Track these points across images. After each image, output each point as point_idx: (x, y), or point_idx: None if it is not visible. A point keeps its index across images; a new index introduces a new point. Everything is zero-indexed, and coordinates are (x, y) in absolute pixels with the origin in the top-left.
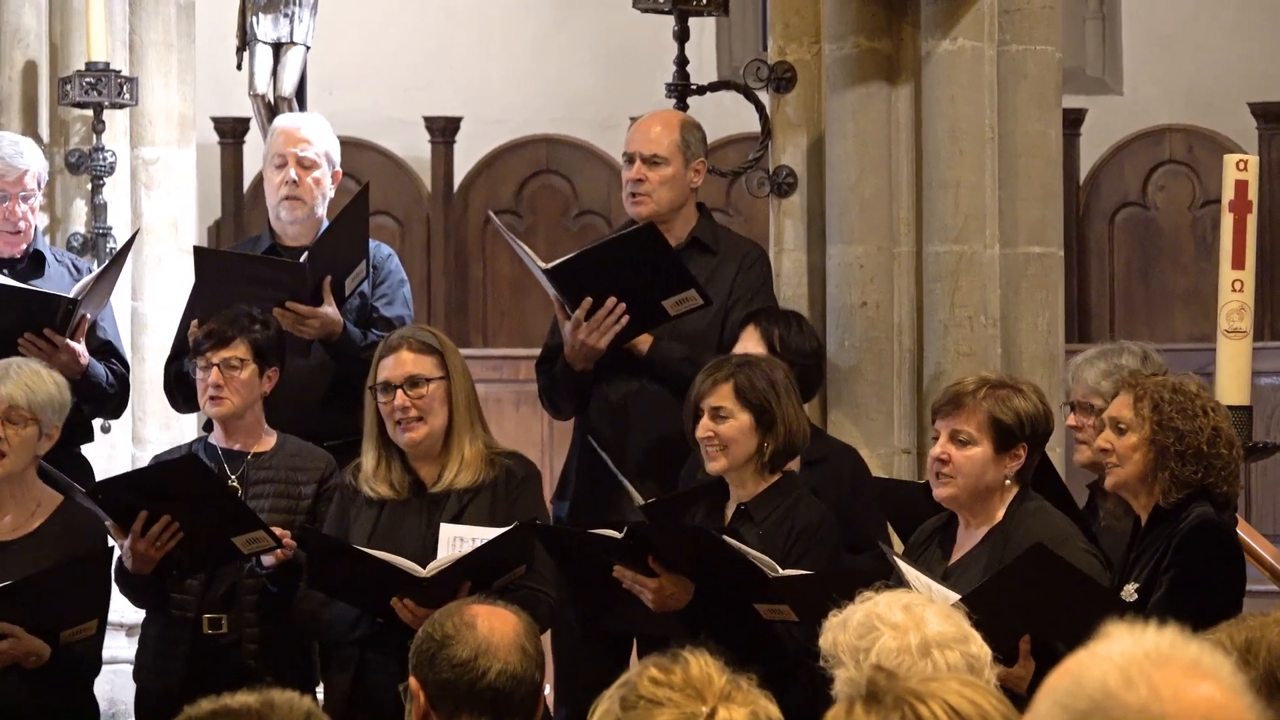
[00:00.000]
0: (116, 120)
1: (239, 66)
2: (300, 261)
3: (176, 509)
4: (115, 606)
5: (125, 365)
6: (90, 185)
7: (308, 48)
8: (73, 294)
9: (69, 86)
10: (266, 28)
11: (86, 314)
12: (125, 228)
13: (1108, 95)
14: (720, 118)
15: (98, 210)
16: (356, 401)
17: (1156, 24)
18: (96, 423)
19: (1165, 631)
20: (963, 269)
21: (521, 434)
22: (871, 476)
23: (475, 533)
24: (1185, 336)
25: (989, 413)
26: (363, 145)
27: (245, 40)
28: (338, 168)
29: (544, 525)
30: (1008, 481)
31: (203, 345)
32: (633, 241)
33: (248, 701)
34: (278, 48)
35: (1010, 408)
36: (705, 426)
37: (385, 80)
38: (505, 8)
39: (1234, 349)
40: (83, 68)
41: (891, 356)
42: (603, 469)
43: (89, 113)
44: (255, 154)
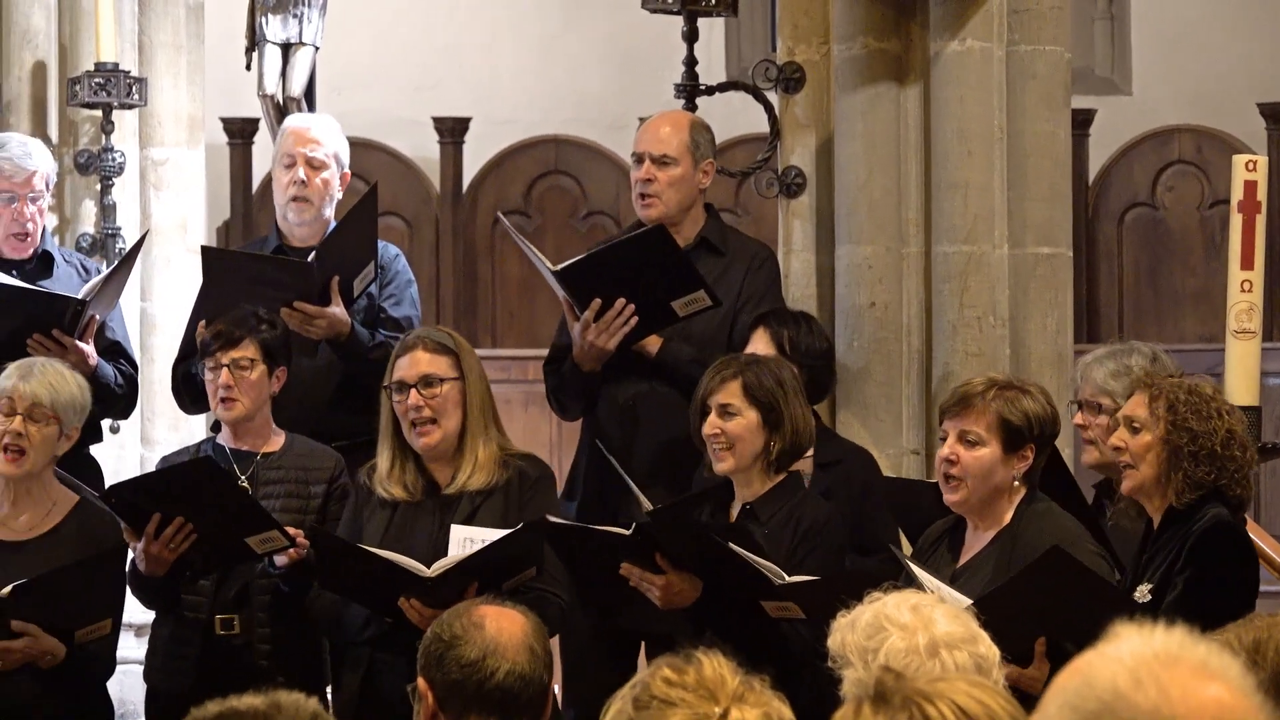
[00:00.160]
0: (125, 121)
1: (248, 67)
2: (308, 261)
3: (190, 511)
4: (125, 606)
5: (134, 366)
6: (99, 186)
7: (317, 48)
8: (81, 295)
9: (78, 87)
10: (275, 28)
11: (95, 315)
12: (134, 228)
13: (1116, 96)
14: (729, 118)
15: (107, 211)
16: (363, 402)
17: (1165, 24)
18: (105, 423)
19: (1174, 632)
20: (971, 269)
21: (530, 435)
22: (883, 477)
23: (485, 534)
24: (1194, 337)
25: (997, 413)
26: (371, 146)
27: (254, 41)
28: (347, 169)
29: (550, 523)
30: (1016, 483)
31: (211, 346)
32: (642, 242)
33: (254, 703)
34: (287, 48)
35: (1019, 408)
36: (712, 424)
37: (394, 81)
38: (514, 8)
39: (1243, 349)
40: (92, 68)
41: (900, 357)
42: (611, 470)
43: (98, 113)
44: (264, 154)
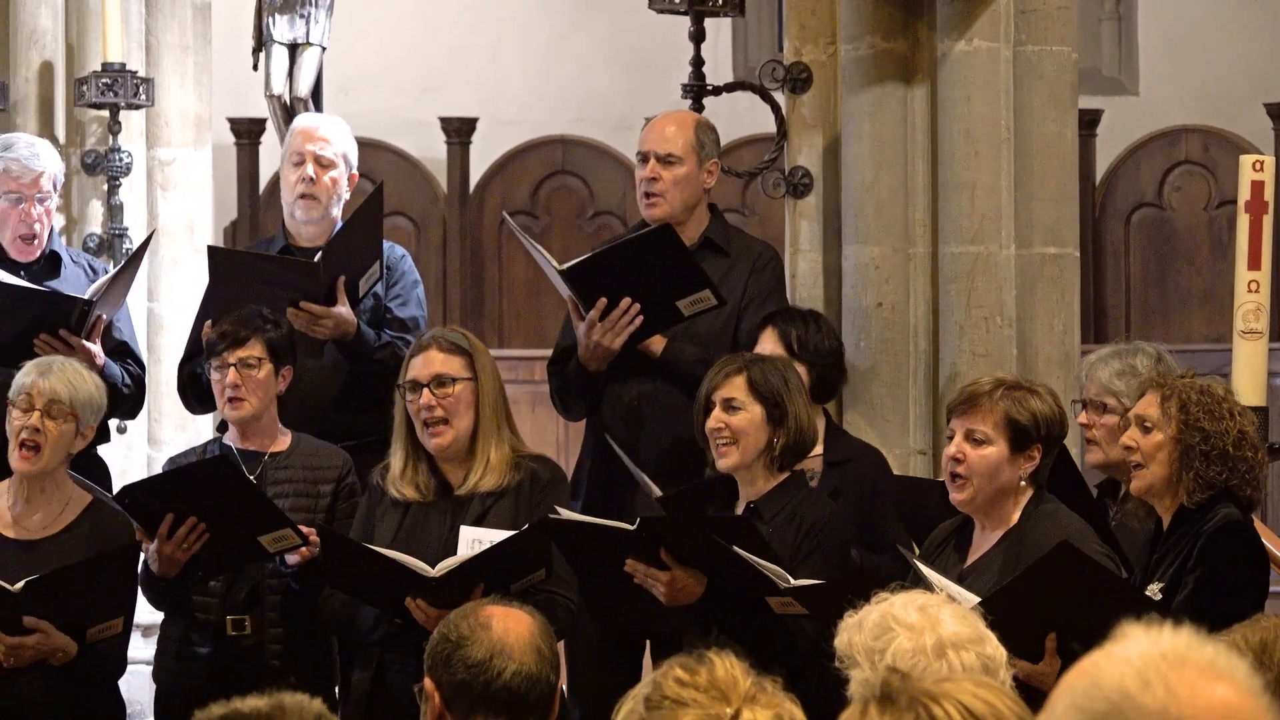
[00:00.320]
0: (132, 121)
1: (255, 67)
2: (314, 261)
3: (203, 510)
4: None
5: (141, 366)
6: (106, 186)
7: (324, 49)
8: (88, 294)
9: (85, 87)
10: (282, 29)
11: (102, 314)
12: (141, 229)
13: (1123, 96)
14: (736, 118)
15: (114, 211)
16: (369, 403)
17: (1172, 24)
18: (112, 423)
19: (1181, 633)
20: (978, 270)
21: (537, 435)
22: (891, 475)
23: (494, 535)
24: (1201, 337)
25: (1005, 413)
26: (378, 146)
27: (261, 41)
28: (354, 170)
29: (553, 519)
30: (1023, 483)
31: (218, 346)
32: (647, 242)
33: (258, 705)
34: (294, 48)
35: (1026, 408)
36: (717, 418)
37: (401, 81)
38: (521, 9)
39: (1250, 350)
40: (99, 69)
41: (907, 357)
42: (614, 471)
43: (105, 114)
44: (271, 155)
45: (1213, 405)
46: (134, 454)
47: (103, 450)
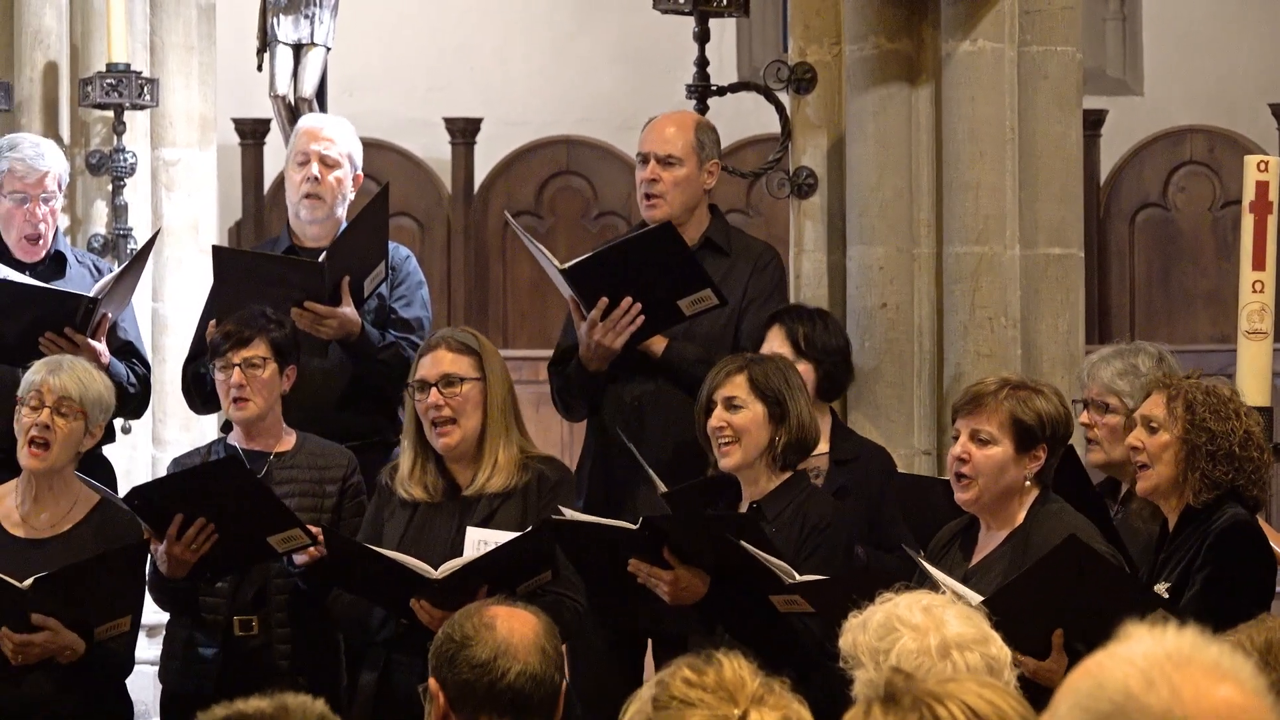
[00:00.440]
0: (137, 121)
1: (259, 68)
2: (318, 261)
3: (212, 511)
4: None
5: (146, 366)
6: (111, 186)
7: (328, 49)
8: (93, 293)
9: (90, 88)
10: (287, 29)
11: (107, 313)
12: (146, 229)
13: (1128, 96)
14: (740, 119)
15: (118, 211)
16: (373, 403)
17: (1177, 25)
18: (116, 423)
19: (1186, 633)
20: (983, 270)
21: (541, 436)
22: (896, 474)
23: (500, 537)
24: (1206, 338)
25: (1010, 413)
26: (383, 146)
27: (266, 41)
28: (359, 171)
29: (555, 520)
30: (1028, 483)
31: (222, 346)
32: (649, 240)
33: (261, 706)
34: (298, 49)
35: (1031, 408)
36: (719, 417)
37: (405, 81)
38: (525, 9)
39: (1255, 350)
40: (103, 69)
41: (911, 358)
42: (615, 471)
43: (109, 114)
44: (276, 155)
45: (1219, 405)
46: (138, 454)
47: (107, 450)
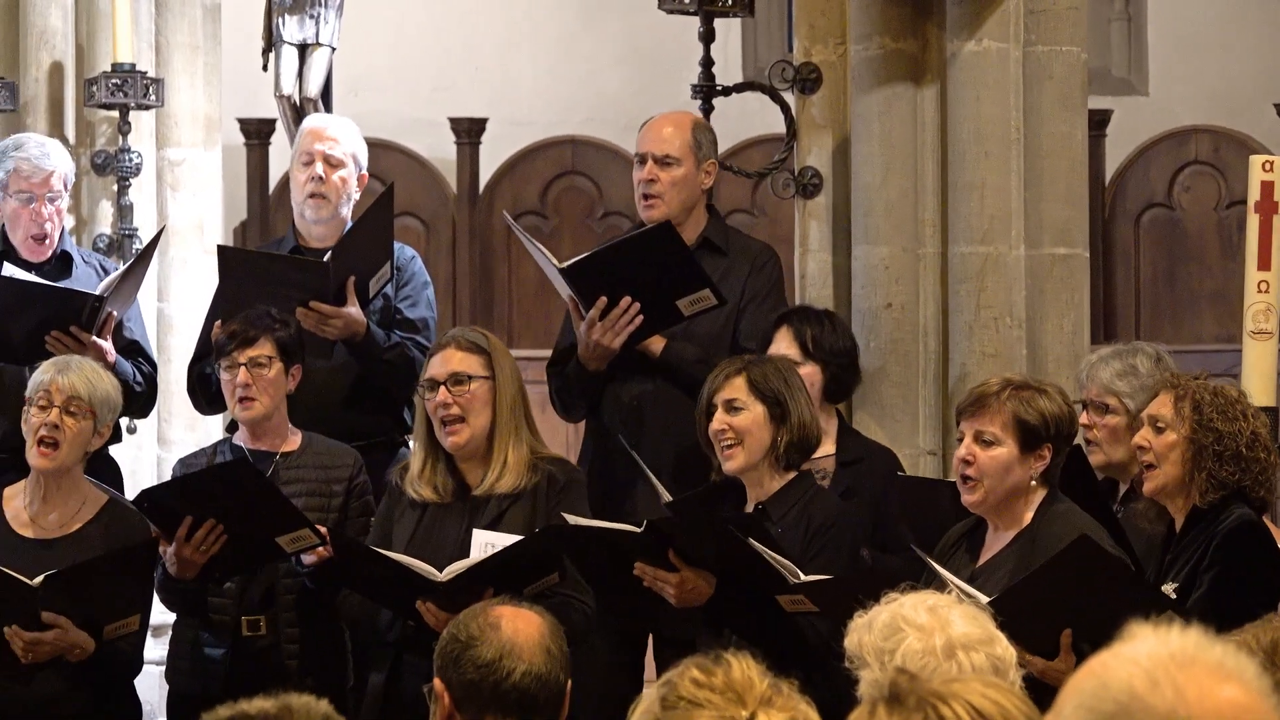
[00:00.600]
0: (142, 121)
1: (265, 68)
2: (324, 261)
3: (221, 512)
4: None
5: (153, 365)
6: (116, 186)
7: (333, 49)
8: (99, 291)
9: (95, 88)
10: (292, 29)
11: (113, 312)
12: (151, 229)
13: (1133, 96)
14: (745, 119)
15: (123, 211)
16: (378, 403)
17: (1182, 25)
18: (122, 422)
19: (1190, 633)
20: (988, 270)
21: (546, 436)
22: (902, 476)
23: (506, 539)
24: (1211, 338)
25: (1013, 413)
26: (388, 146)
27: (271, 41)
28: (364, 171)
29: (559, 526)
30: (1034, 483)
31: (227, 346)
32: (648, 239)
33: (265, 707)
34: (303, 49)
35: (1034, 408)
36: (720, 420)
37: (411, 81)
38: (531, 9)
39: (1260, 350)
40: (109, 69)
41: (917, 358)
42: (614, 472)
43: (115, 114)
44: (281, 155)
45: (1226, 406)
46: (144, 454)
47: (113, 450)
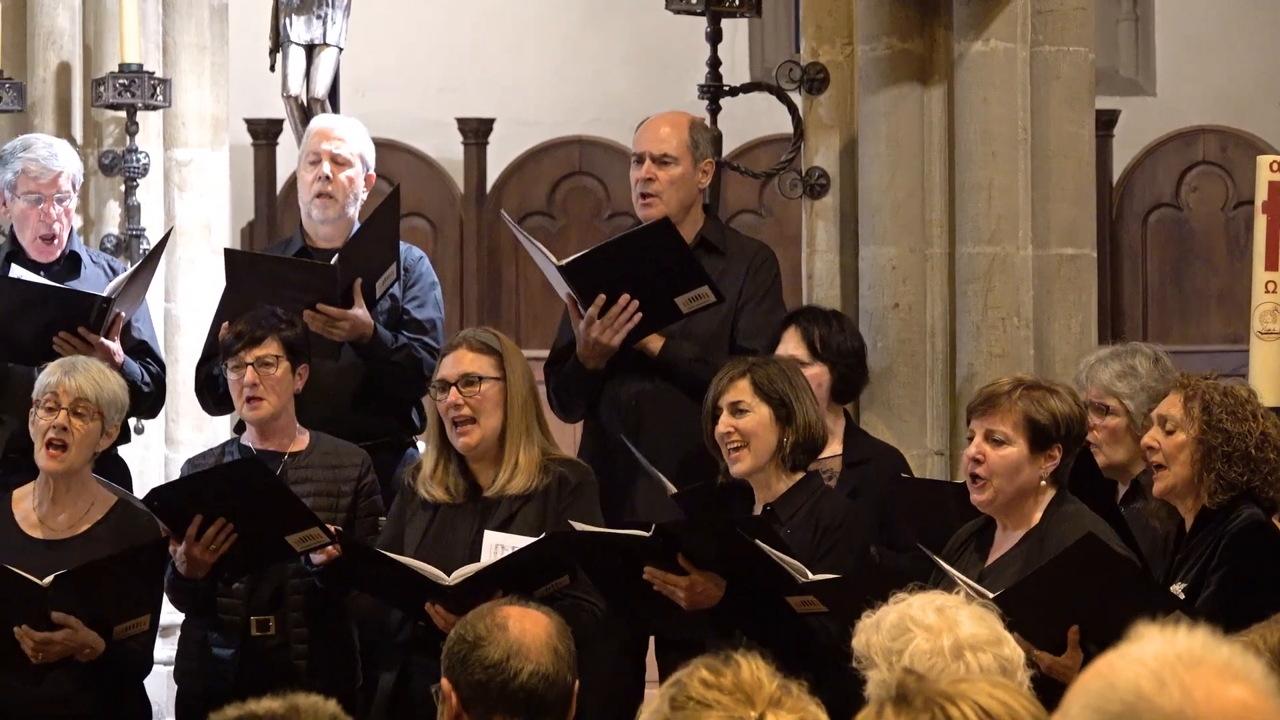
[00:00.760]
0: (150, 122)
1: (272, 68)
2: (330, 264)
3: (231, 511)
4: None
5: (161, 365)
6: (123, 187)
7: (340, 49)
8: (106, 292)
9: (102, 88)
10: (299, 29)
11: (121, 312)
12: (158, 229)
13: (1141, 96)
14: (752, 119)
15: (131, 212)
16: (385, 403)
17: (1190, 25)
18: (130, 423)
19: (1197, 633)
20: (995, 270)
21: (555, 437)
22: (909, 477)
23: (517, 541)
24: (1218, 338)
25: (1024, 413)
26: (395, 147)
27: (278, 42)
28: (371, 171)
29: (566, 532)
30: (1043, 483)
31: (234, 346)
32: (647, 236)
33: (272, 707)
34: (311, 49)
35: (1045, 408)
36: (725, 423)
37: (418, 82)
38: (538, 9)
39: (1267, 350)
40: (116, 69)
41: (924, 358)
42: (613, 472)
43: (122, 114)
44: (288, 155)
45: (1235, 407)
46: (151, 454)
47: (121, 450)
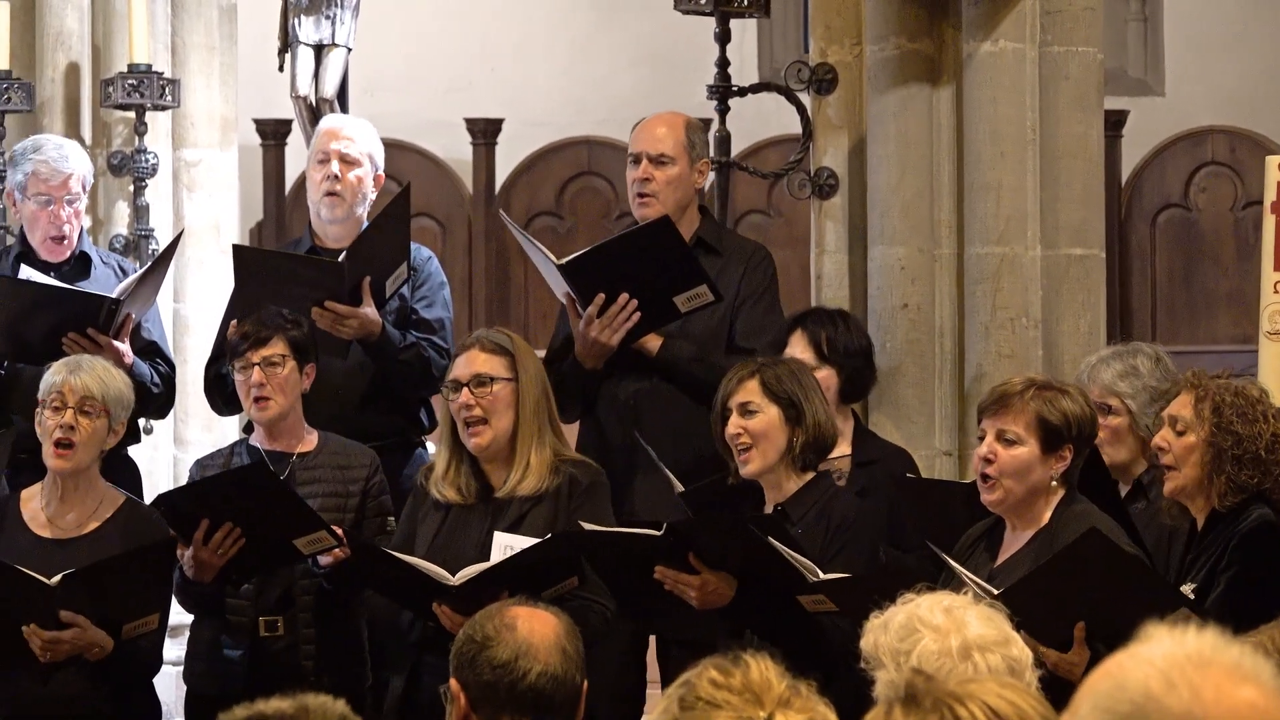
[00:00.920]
0: (158, 122)
1: (281, 68)
2: (339, 261)
3: (238, 515)
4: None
5: (171, 366)
6: (132, 187)
7: (349, 50)
8: (116, 293)
9: (111, 88)
10: (308, 30)
11: (130, 313)
12: (167, 230)
13: (1149, 96)
14: (761, 119)
15: (140, 212)
16: (394, 403)
17: (1198, 25)
18: (139, 423)
19: (1206, 634)
20: (1004, 271)
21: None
22: (916, 478)
23: (526, 542)
24: (1227, 338)
25: (1036, 413)
26: (404, 147)
27: (287, 42)
28: (380, 171)
29: (576, 533)
30: (1054, 483)
31: (240, 347)
32: (646, 234)
33: (281, 707)
34: (319, 50)
35: (1057, 408)
36: (735, 424)
37: (427, 82)
38: (547, 10)
39: (1276, 350)
40: (125, 70)
41: (933, 358)
42: (612, 471)
43: (131, 115)
44: (297, 155)
45: (1246, 408)
46: (160, 454)
47: (131, 450)
